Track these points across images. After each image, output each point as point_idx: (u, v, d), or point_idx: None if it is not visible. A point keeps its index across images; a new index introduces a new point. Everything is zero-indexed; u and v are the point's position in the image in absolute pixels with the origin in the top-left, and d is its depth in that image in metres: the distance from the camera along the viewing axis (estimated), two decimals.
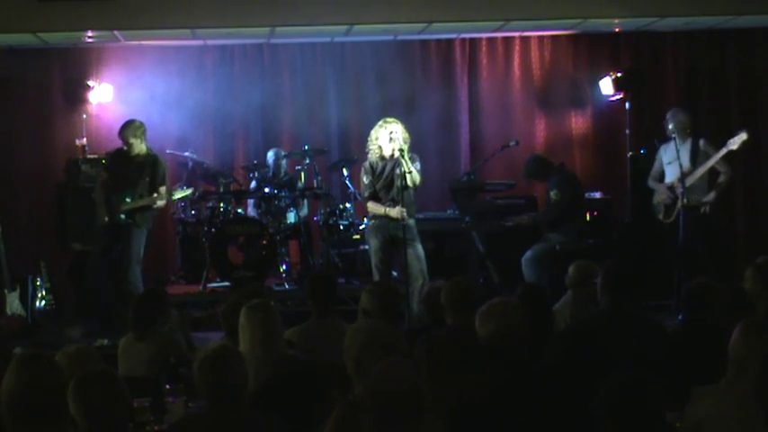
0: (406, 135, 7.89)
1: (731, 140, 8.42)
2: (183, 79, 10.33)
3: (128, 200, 8.38)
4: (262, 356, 4.63)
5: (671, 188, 8.56)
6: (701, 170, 8.50)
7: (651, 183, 8.97)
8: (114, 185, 8.46)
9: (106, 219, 8.37)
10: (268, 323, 4.77)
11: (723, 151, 8.43)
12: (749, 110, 10.72)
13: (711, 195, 8.56)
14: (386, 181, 7.91)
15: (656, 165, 8.93)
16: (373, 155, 7.96)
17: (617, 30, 10.45)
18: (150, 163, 8.47)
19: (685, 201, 8.35)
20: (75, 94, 10.22)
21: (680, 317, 7.16)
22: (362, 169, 8.08)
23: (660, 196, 8.81)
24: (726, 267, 8.64)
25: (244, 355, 4.16)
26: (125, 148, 8.46)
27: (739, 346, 3.80)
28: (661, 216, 8.78)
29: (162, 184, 8.46)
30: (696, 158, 8.58)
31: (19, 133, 10.29)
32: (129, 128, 8.43)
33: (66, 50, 10.30)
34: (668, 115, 8.79)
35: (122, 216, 8.36)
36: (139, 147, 8.43)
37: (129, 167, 8.44)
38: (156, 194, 8.40)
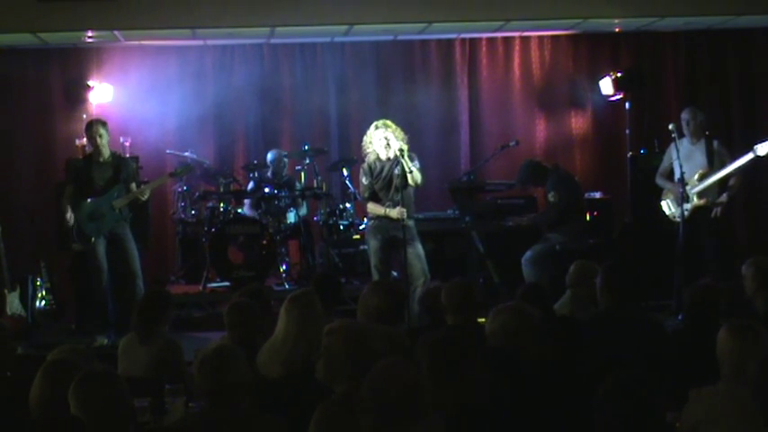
0: (402, 135, 7.84)
1: (759, 146, 8.13)
2: (183, 79, 10.35)
3: (116, 196, 8.35)
4: (292, 348, 4.81)
5: (686, 185, 8.17)
6: (724, 172, 8.31)
7: (659, 180, 8.74)
8: (95, 189, 8.35)
9: (70, 219, 8.25)
10: (301, 317, 4.97)
11: (749, 156, 8.18)
12: (749, 110, 10.72)
13: (724, 196, 8.38)
14: (384, 181, 7.86)
15: (665, 162, 8.70)
16: (371, 156, 7.93)
17: (617, 30, 10.45)
18: (121, 160, 8.49)
19: (702, 201, 8.31)
20: (75, 94, 10.22)
21: (680, 317, 7.18)
22: (361, 170, 8.03)
23: (669, 194, 8.60)
24: (727, 268, 8.59)
25: (275, 343, 4.68)
26: (99, 149, 8.27)
27: (733, 349, 3.80)
28: (672, 213, 8.54)
29: (134, 180, 8.54)
30: (712, 159, 8.42)
31: (19, 133, 10.30)
32: (104, 126, 8.30)
33: (66, 50, 10.31)
34: (687, 115, 8.55)
35: (118, 211, 8.34)
36: (108, 146, 8.37)
37: (102, 169, 8.34)
38: (140, 188, 8.47)
